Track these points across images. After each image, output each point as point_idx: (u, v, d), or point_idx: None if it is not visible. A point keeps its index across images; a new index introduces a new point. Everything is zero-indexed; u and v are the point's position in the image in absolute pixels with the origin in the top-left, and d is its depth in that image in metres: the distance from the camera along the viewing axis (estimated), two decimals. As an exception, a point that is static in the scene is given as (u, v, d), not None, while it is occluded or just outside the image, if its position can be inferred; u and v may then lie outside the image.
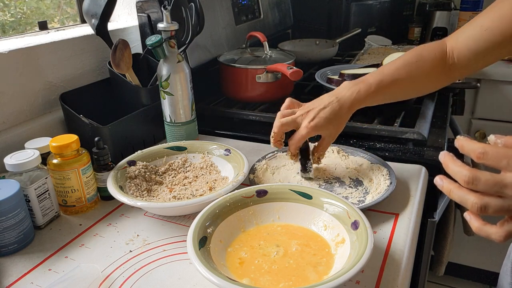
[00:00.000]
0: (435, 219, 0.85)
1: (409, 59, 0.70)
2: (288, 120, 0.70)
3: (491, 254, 1.68)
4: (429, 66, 0.69)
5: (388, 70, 0.70)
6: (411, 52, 0.71)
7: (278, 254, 0.54)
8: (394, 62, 0.71)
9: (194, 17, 0.92)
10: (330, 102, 0.68)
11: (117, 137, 0.81)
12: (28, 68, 0.83)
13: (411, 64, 0.69)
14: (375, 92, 0.68)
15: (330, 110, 0.67)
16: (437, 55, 0.69)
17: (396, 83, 0.69)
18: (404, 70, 0.69)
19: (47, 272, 0.56)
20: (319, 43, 1.51)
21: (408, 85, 0.71)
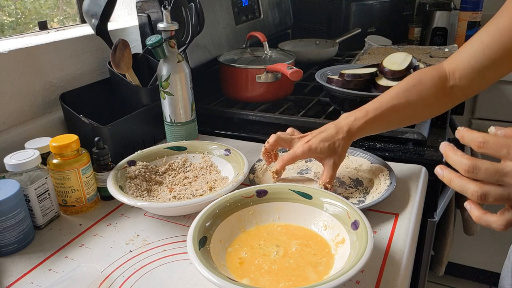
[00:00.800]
0: (435, 219, 0.85)
1: (406, 85, 0.68)
2: (285, 136, 0.70)
3: (491, 254, 1.68)
4: (429, 90, 0.67)
5: (386, 97, 0.68)
6: (409, 78, 0.69)
7: (278, 254, 0.54)
8: (392, 89, 0.69)
9: (194, 17, 0.92)
10: (327, 128, 0.68)
11: (117, 137, 0.81)
12: (28, 68, 0.83)
13: (409, 90, 0.68)
14: (374, 119, 0.67)
15: (326, 134, 0.66)
16: (436, 79, 0.67)
17: (395, 109, 0.67)
18: (403, 96, 0.67)
19: (47, 272, 0.56)
20: (319, 43, 1.51)
21: (408, 111, 0.69)
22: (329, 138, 0.66)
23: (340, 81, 0.94)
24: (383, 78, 0.93)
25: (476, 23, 1.49)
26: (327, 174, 0.66)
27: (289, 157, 0.67)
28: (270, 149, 0.70)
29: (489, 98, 1.49)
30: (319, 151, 0.65)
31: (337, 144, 0.66)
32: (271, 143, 0.69)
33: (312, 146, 0.65)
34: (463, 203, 1.18)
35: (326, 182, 0.66)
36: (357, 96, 0.91)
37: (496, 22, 0.61)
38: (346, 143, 0.67)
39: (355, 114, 0.68)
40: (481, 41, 0.62)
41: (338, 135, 0.66)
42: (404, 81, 0.70)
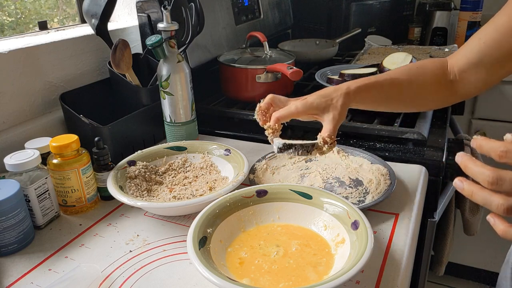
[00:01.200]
0: (435, 219, 0.85)
1: (410, 65, 0.71)
2: (280, 97, 0.67)
3: (491, 254, 1.68)
4: (430, 76, 0.68)
5: (388, 72, 0.70)
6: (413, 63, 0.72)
7: (278, 254, 0.54)
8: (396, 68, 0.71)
9: (194, 17, 0.92)
10: (326, 88, 0.66)
11: (117, 137, 0.81)
12: (28, 68, 0.83)
13: (411, 69, 0.69)
14: (373, 85, 0.66)
15: (324, 91, 0.64)
16: (438, 68, 0.69)
17: (395, 83, 0.68)
18: (404, 73, 0.69)
19: (47, 272, 0.56)
20: (319, 43, 1.51)
21: (407, 90, 0.69)
22: (326, 94, 0.63)
23: (340, 81, 0.94)
24: (383, 78, 0.93)
25: (476, 23, 1.49)
26: (326, 128, 0.62)
27: (284, 112, 0.63)
28: (264, 108, 0.66)
29: (489, 98, 1.49)
30: (315, 106, 0.62)
31: (335, 100, 0.63)
32: (266, 101, 0.66)
33: (308, 100, 0.62)
34: (463, 203, 1.19)
35: (325, 136, 0.60)
36: (357, 96, 0.91)
37: (494, 21, 0.62)
38: (345, 100, 0.63)
39: (354, 80, 0.67)
40: (479, 38, 0.63)
41: (337, 91, 0.64)
42: (408, 64, 0.72)
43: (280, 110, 0.63)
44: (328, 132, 0.61)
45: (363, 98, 0.66)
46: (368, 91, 0.66)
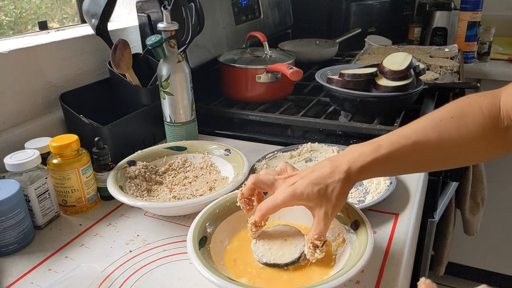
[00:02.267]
0: (435, 219, 0.85)
1: (442, 115, 0.50)
2: (265, 178, 0.52)
3: (491, 254, 1.68)
4: (473, 129, 0.49)
5: (409, 129, 0.51)
6: (447, 106, 0.51)
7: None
8: (422, 118, 0.52)
9: (194, 17, 0.92)
10: (322, 165, 0.51)
11: (117, 137, 0.81)
12: (28, 68, 0.83)
13: (445, 122, 0.50)
14: (386, 159, 0.49)
15: (317, 174, 0.49)
16: (485, 112, 0.49)
17: (418, 147, 0.49)
18: (434, 130, 0.49)
19: (47, 272, 0.56)
20: (319, 43, 1.51)
21: (438, 151, 0.50)
22: (319, 180, 0.49)
23: (340, 81, 0.94)
24: (383, 78, 0.93)
25: (476, 23, 1.49)
26: (315, 228, 0.49)
27: (268, 205, 0.51)
28: (247, 194, 0.53)
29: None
30: (305, 198, 0.49)
31: (330, 189, 0.49)
32: (248, 187, 0.53)
33: (296, 191, 0.49)
34: (463, 203, 1.19)
35: (314, 238, 0.49)
36: (357, 96, 0.92)
37: None
38: (343, 188, 0.49)
39: (361, 148, 0.51)
40: None
41: (333, 176, 0.49)
42: (440, 110, 0.52)
43: (265, 202, 0.51)
44: (318, 234, 0.49)
45: (372, 175, 0.52)
46: (378, 168, 0.50)
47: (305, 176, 0.50)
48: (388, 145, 0.49)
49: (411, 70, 0.91)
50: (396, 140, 0.50)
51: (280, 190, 0.50)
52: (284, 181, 0.51)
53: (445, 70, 1.24)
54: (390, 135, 0.51)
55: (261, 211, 0.51)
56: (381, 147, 0.49)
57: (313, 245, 0.49)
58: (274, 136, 0.95)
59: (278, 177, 0.52)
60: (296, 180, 0.50)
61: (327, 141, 0.88)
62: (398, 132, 0.51)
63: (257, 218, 0.52)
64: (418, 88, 0.92)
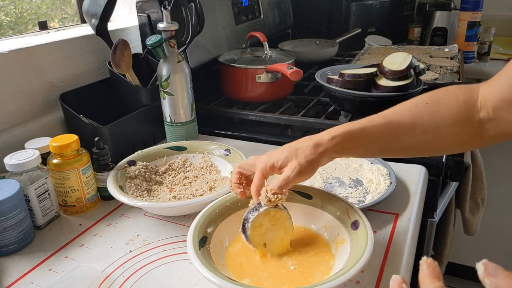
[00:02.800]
0: (435, 219, 0.85)
1: (418, 100, 0.52)
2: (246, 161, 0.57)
3: (491, 254, 1.68)
4: (446, 116, 0.50)
5: (386, 111, 0.53)
6: (425, 94, 0.53)
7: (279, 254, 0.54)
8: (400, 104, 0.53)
9: (194, 17, 0.92)
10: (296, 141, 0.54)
11: (117, 137, 0.81)
12: (28, 68, 0.83)
13: (419, 107, 0.51)
14: (360, 132, 0.51)
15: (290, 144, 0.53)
16: (460, 103, 0.50)
17: (392, 127, 0.51)
18: (408, 113, 0.51)
19: (47, 272, 0.56)
20: (319, 43, 1.51)
21: (411, 134, 0.51)
22: (291, 146, 0.52)
23: (340, 81, 0.94)
24: (383, 78, 0.93)
25: (476, 23, 1.49)
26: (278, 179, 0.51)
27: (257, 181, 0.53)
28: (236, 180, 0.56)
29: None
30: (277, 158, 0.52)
31: (301, 150, 0.51)
32: (234, 172, 0.57)
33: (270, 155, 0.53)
34: (463, 203, 1.19)
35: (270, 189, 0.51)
36: (357, 96, 0.91)
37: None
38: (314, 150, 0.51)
39: (338, 126, 0.53)
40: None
41: (304, 142, 0.52)
42: (419, 96, 0.54)
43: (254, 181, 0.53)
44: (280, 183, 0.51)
45: (344, 149, 0.52)
46: (350, 141, 0.51)
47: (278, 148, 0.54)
48: (364, 121, 0.52)
49: (411, 70, 0.91)
50: (372, 118, 0.52)
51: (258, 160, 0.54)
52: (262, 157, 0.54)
53: (445, 70, 1.24)
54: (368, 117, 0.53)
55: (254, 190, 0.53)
56: (356, 123, 0.52)
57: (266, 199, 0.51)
58: (274, 136, 0.95)
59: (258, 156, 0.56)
60: (271, 152, 0.54)
61: (327, 141, 0.88)
62: (376, 114, 0.53)
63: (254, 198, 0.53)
64: (418, 88, 0.92)
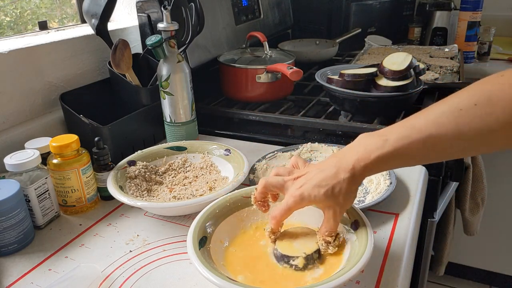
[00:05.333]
0: (435, 219, 0.85)
1: (462, 102, 0.43)
2: (274, 181, 0.52)
3: (491, 254, 1.68)
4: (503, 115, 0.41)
5: (421, 119, 0.45)
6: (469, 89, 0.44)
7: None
8: (438, 105, 0.45)
9: (194, 17, 0.92)
10: (328, 165, 0.49)
11: (117, 137, 0.81)
12: (28, 68, 0.83)
13: (464, 110, 0.42)
14: (392, 155, 0.45)
15: (323, 175, 0.48)
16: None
17: (433, 142, 0.44)
18: (449, 120, 0.42)
19: (47, 272, 0.56)
20: (319, 43, 1.51)
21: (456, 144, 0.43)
22: (325, 181, 0.48)
23: (340, 81, 0.94)
24: (383, 78, 0.93)
25: (476, 23, 1.49)
26: (325, 226, 0.51)
27: (281, 211, 0.51)
28: (260, 198, 0.55)
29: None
30: (313, 200, 0.48)
31: (337, 189, 0.48)
32: (260, 191, 0.54)
33: (304, 194, 0.49)
34: (463, 203, 1.19)
35: (325, 235, 0.51)
36: (357, 96, 0.91)
37: None
38: (349, 187, 0.48)
39: (368, 141, 0.48)
40: None
41: (338, 176, 0.48)
42: (461, 94, 0.44)
43: (277, 209, 0.51)
44: (328, 231, 0.50)
45: (378, 171, 0.49)
46: (384, 164, 0.47)
47: (312, 177, 0.49)
48: (396, 139, 0.45)
49: (411, 70, 0.91)
50: (406, 134, 0.45)
51: (289, 193, 0.50)
52: (293, 183, 0.51)
53: (445, 70, 1.24)
54: (401, 126, 0.46)
55: (275, 219, 0.52)
56: (387, 143, 0.45)
57: (325, 242, 0.51)
58: (274, 136, 0.95)
59: (288, 178, 0.52)
60: (304, 182, 0.50)
61: (327, 141, 0.88)
62: (410, 122, 0.46)
63: (273, 226, 0.53)
64: (418, 88, 0.92)
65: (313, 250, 0.52)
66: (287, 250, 0.52)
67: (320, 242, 0.52)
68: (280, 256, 0.52)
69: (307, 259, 0.51)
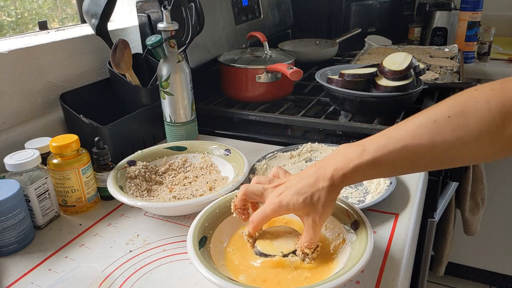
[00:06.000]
0: (435, 219, 0.85)
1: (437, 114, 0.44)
2: (254, 188, 0.52)
3: (491, 254, 1.68)
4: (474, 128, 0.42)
5: (399, 130, 0.46)
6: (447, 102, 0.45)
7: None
8: (415, 117, 0.47)
9: (194, 17, 0.92)
10: (307, 173, 0.50)
11: (117, 137, 0.81)
12: (28, 68, 0.83)
13: (437, 122, 0.43)
14: (371, 164, 0.46)
15: (303, 183, 0.49)
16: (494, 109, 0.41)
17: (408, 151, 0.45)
18: (424, 131, 0.44)
19: (47, 272, 0.56)
20: (319, 43, 1.51)
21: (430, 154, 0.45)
22: (304, 189, 0.48)
23: (340, 81, 0.94)
24: (383, 78, 0.93)
25: (476, 23, 1.49)
26: (304, 236, 0.50)
27: (259, 217, 0.51)
28: (240, 205, 0.55)
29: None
30: (292, 208, 0.48)
31: (316, 198, 0.48)
32: (239, 198, 0.54)
33: (282, 202, 0.49)
34: (463, 203, 1.19)
35: (304, 246, 0.50)
36: (357, 96, 0.92)
37: None
38: (328, 196, 0.48)
39: (347, 150, 0.48)
40: None
41: (317, 184, 0.48)
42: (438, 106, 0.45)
43: (256, 214, 0.51)
44: (308, 242, 0.50)
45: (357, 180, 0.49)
46: (362, 174, 0.47)
47: (291, 186, 0.50)
48: (374, 149, 0.46)
49: (411, 70, 0.91)
50: (384, 144, 0.46)
51: (268, 200, 0.51)
52: (273, 190, 0.51)
53: (445, 70, 1.24)
54: (380, 136, 0.48)
55: (253, 223, 0.52)
56: (366, 152, 0.46)
57: (302, 253, 0.51)
58: (274, 136, 0.95)
59: (268, 186, 0.52)
60: (283, 190, 0.50)
61: (327, 141, 0.88)
62: (389, 133, 0.48)
63: (250, 230, 0.53)
64: (418, 88, 0.92)
65: (291, 250, 0.52)
66: (266, 249, 0.53)
67: (298, 252, 0.51)
68: (259, 254, 0.53)
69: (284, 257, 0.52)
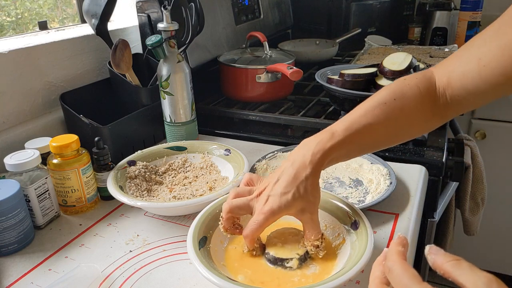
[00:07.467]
0: (435, 219, 0.85)
1: (384, 98, 0.54)
2: (239, 203, 0.52)
3: (491, 254, 1.68)
4: (413, 107, 0.54)
5: (357, 113, 0.54)
6: (387, 89, 0.55)
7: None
8: (365, 103, 0.55)
9: (194, 17, 0.92)
10: (283, 171, 0.51)
11: (117, 137, 0.81)
12: (28, 68, 0.83)
13: (388, 104, 0.53)
14: (342, 143, 0.51)
15: (284, 182, 0.50)
16: (423, 93, 0.54)
17: (370, 129, 0.53)
18: (380, 111, 0.53)
19: (47, 272, 0.56)
20: (319, 43, 1.51)
21: (387, 131, 0.54)
22: (288, 187, 0.49)
23: (340, 81, 0.94)
24: (383, 78, 0.93)
25: (476, 23, 1.49)
26: (308, 231, 0.52)
27: (253, 229, 0.50)
28: (228, 226, 0.54)
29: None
30: (285, 209, 0.49)
31: (302, 190, 0.49)
32: (226, 217, 0.53)
33: (273, 207, 0.49)
34: (463, 203, 1.19)
35: (313, 239, 0.51)
36: (357, 96, 0.91)
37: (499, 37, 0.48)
38: (313, 181, 0.50)
39: (317, 138, 0.52)
40: (479, 58, 0.49)
41: (299, 176, 0.49)
42: (382, 93, 0.55)
43: (249, 228, 0.51)
44: (314, 235, 0.51)
45: (333, 161, 0.53)
46: (337, 153, 0.52)
47: (274, 188, 0.50)
48: (343, 131, 0.52)
49: (411, 70, 0.91)
50: (349, 125, 0.52)
51: (257, 211, 0.51)
52: (257, 200, 0.52)
53: (445, 70, 1.24)
54: (342, 121, 0.54)
55: (248, 238, 0.51)
56: (336, 134, 0.52)
57: (314, 246, 0.51)
58: (274, 136, 0.95)
59: (251, 197, 0.52)
60: (268, 196, 0.50)
61: (327, 141, 0.88)
62: (349, 117, 0.54)
63: (248, 245, 0.53)
64: (418, 88, 0.92)
65: (305, 250, 0.52)
66: (280, 253, 0.52)
67: (309, 248, 0.52)
68: (274, 259, 0.52)
69: (300, 259, 0.51)
